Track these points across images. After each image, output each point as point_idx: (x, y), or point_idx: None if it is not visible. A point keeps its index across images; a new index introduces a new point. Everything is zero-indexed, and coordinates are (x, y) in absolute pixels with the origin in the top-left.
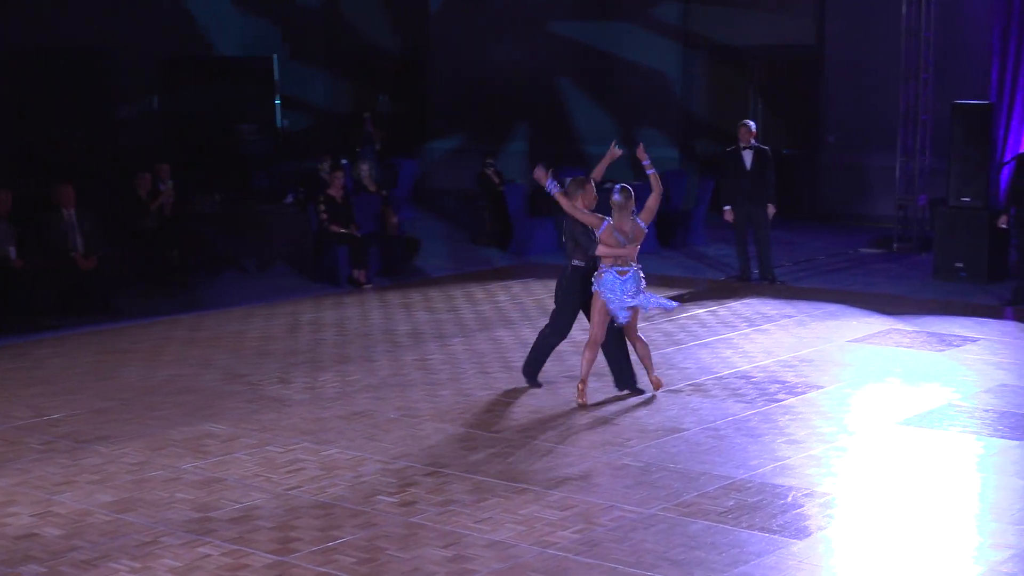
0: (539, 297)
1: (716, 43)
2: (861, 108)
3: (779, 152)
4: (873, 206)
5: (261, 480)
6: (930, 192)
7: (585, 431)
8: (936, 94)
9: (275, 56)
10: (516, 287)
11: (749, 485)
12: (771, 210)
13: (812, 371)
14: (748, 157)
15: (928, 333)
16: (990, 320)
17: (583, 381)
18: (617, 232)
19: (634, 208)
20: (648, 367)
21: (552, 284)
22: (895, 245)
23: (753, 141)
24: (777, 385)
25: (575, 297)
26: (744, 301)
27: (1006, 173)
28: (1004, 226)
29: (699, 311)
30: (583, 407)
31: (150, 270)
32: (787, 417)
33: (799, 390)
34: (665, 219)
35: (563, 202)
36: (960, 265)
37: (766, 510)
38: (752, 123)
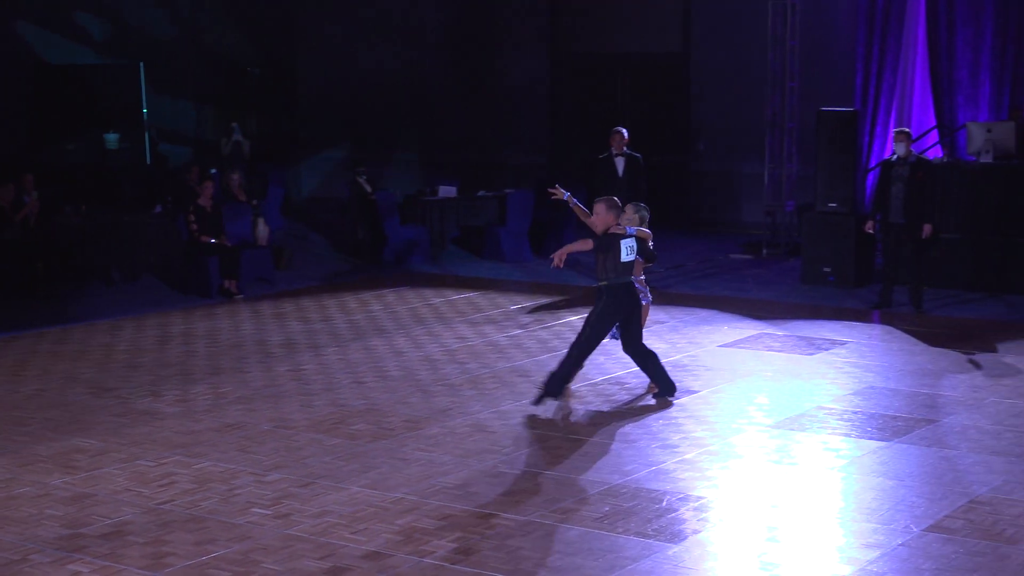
0: (413, 305)
1: (585, 51)
2: (730, 116)
3: (650, 159)
4: (743, 213)
5: (132, 495)
6: (798, 198)
7: (461, 439)
8: (802, 101)
9: (141, 64)
10: (390, 296)
11: (624, 490)
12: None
13: (685, 376)
14: (620, 164)
15: (798, 337)
16: (857, 323)
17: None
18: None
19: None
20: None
21: (427, 292)
22: (764, 251)
23: (625, 148)
24: (644, 390)
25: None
26: None
27: (871, 179)
28: (870, 231)
29: (573, 318)
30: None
31: (14, 282)
32: (661, 422)
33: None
34: (538, 227)
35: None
36: (828, 270)
37: (641, 515)
38: (624, 130)
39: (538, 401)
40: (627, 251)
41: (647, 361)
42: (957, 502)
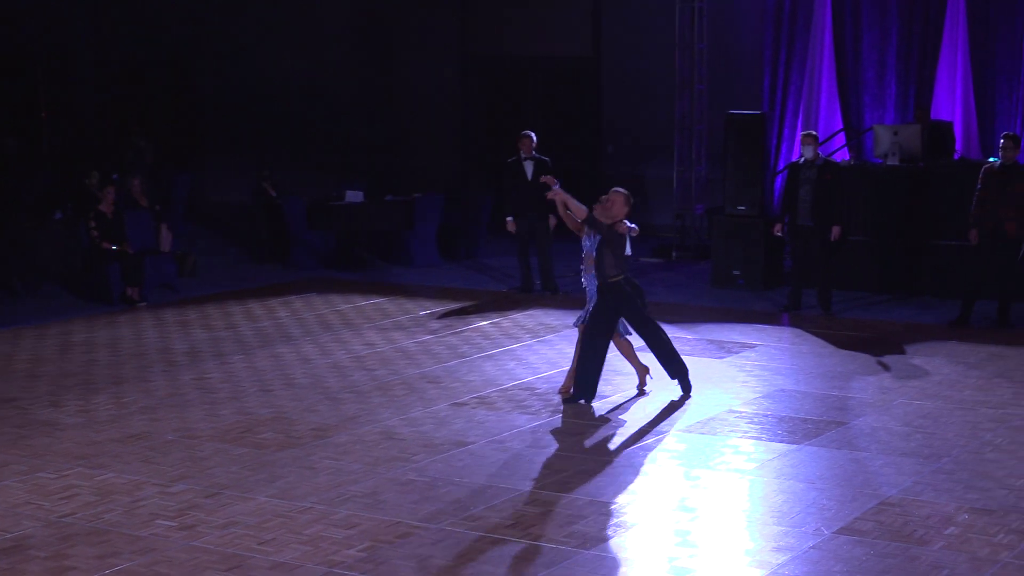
0: (321, 311)
1: (495, 54)
2: (639, 118)
3: (559, 163)
4: (653, 216)
5: (33, 508)
6: (707, 201)
7: (370, 447)
8: (711, 104)
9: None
10: (297, 302)
11: (536, 497)
12: (552, 222)
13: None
14: (529, 168)
15: (707, 341)
16: (767, 326)
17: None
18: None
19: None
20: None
21: (335, 298)
22: (674, 254)
23: (534, 152)
24: (561, 395)
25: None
26: (527, 312)
27: (779, 181)
28: (779, 234)
29: (482, 323)
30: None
31: None
32: (574, 428)
33: (583, 400)
34: (447, 232)
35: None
36: (737, 273)
37: (553, 521)
38: (532, 134)
39: (572, 401)
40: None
41: (659, 342)
42: (867, 504)
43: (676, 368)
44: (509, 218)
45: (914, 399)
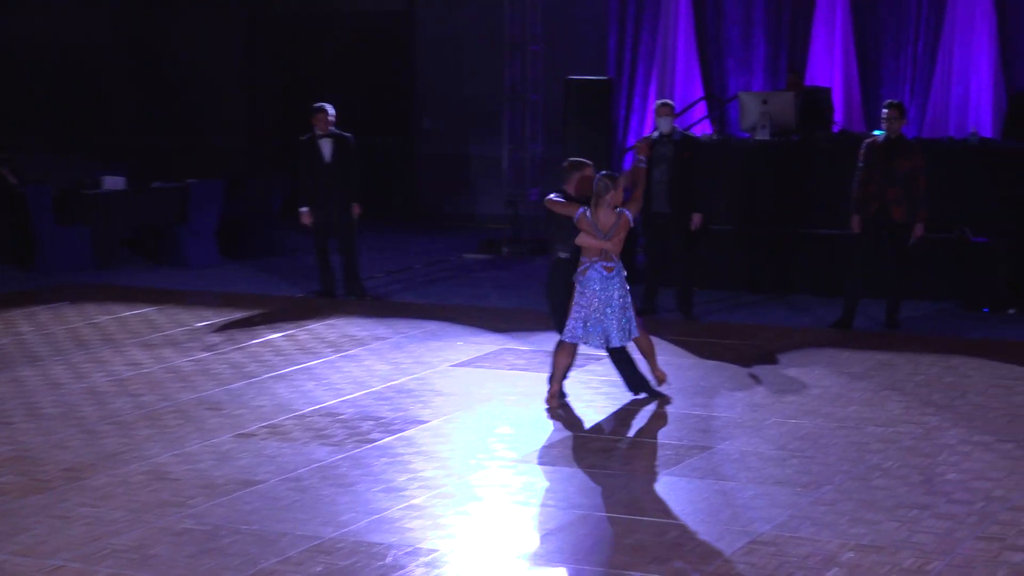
0: (73, 325)
1: (286, 12)
2: (461, 88)
3: (365, 141)
4: (479, 204)
5: None
6: (544, 185)
7: (136, 490)
8: (547, 70)
9: None
10: (43, 314)
11: (340, 545)
12: (357, 211)
13: (411, 403)
14: (327, 147)
15: (546, 352)
16: None
17: (552, 388)
18: (593, 222)
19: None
20: (652, 362)
21: (91, 309)
22: (505, 249)
23: (332, 128)
24: (370, 422)
25: (561, 292)
26: (328, 322)
27: (629, 160)
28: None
29: (274, 336)
30: (556, 413)
31: None
32: (383, 460)
33: (396, 427)
34: (230, 225)
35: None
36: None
37: (360, 574)
38: (330, 107)
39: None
40: None
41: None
42: (736, 543)
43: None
44: (303, 208)
45: (790, 418)
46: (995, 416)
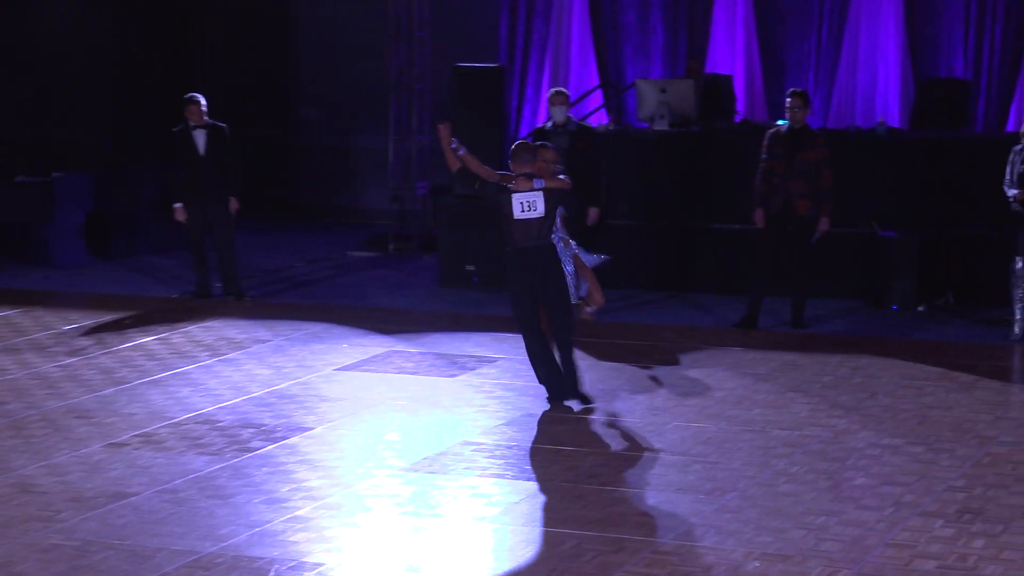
0: None
1: (155, 6)
2: (344, 75)
3: (242, 132)
4: (363, 198)
5: None
6: (432, 179)
7: (0, 503)
8: (435, 57)
9: None
10: None
11: (219, 561)
12: (234, 206)
13: (294, 409)
14: (201, 139)
15: (436, 355)
16: (509, 335)
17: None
18: None
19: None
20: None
21: None
22: (392, 246)
23: (206, 119)
24: (251, 430)
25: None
26: (204, 324)
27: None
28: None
29: (147, 339)
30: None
31: None
32: (265, 470)
33: (279, 435)
34: (99, 222)
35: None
36: (472, 269)
37: None
38: (201, 97)
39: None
40: (522, 207)
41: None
42: (637, 553)
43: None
44: (177, 204)
45: (692, 421)
46: (905, 418)
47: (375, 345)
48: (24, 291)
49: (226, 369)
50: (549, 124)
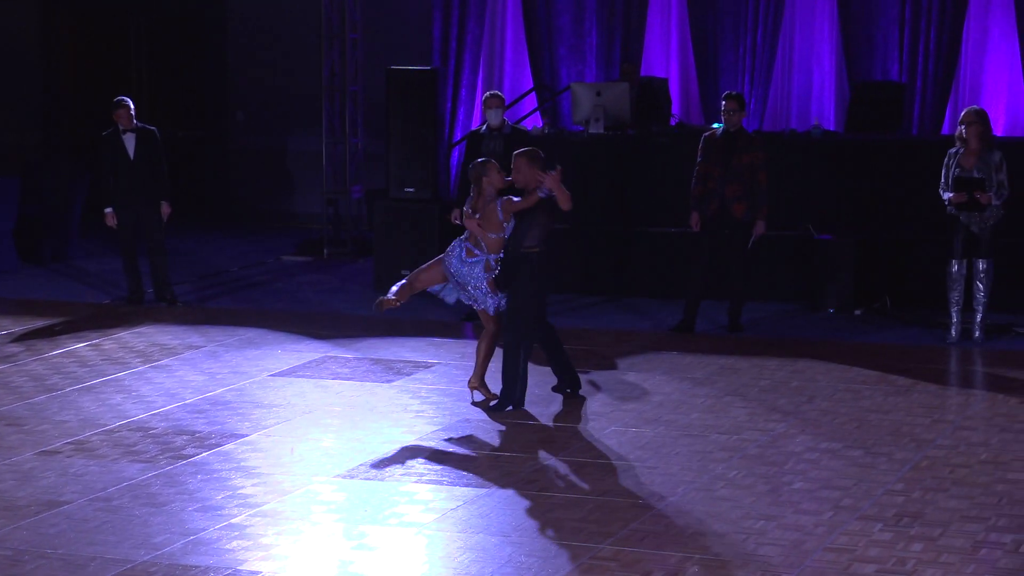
0: None
1: (85, 6)
2: (277, 76)
3: (173, 135)
4: (297, 202)
5: None
6: (366, 182)
7: None
8: (368, 58)
9: None
10: None
11: (154, 569)
12: (166, 210)
13: (228, 416)
14: (131, 142)
15: (372, 360)
16: (447, 340)
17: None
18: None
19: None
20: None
21: None
22: (326, 250)
23: (136, 122)
24: (184, 437)
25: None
26: (136, 330)
27: (457, 156)
28: (457, 221)
29: (78, 345)
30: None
31: None
32: (199, 477)
33: (212, 441)
34: (27, 226)
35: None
36: (407, 273)
37: None
38: (129, 100)
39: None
40: None
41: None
42: (575, 559)
43: (572, 379)
44: (108, 209)
45: (630, 426)
46: (843, 422)
47: (309, 351)
48: None
49: (159, 375)
50: (484, 127)
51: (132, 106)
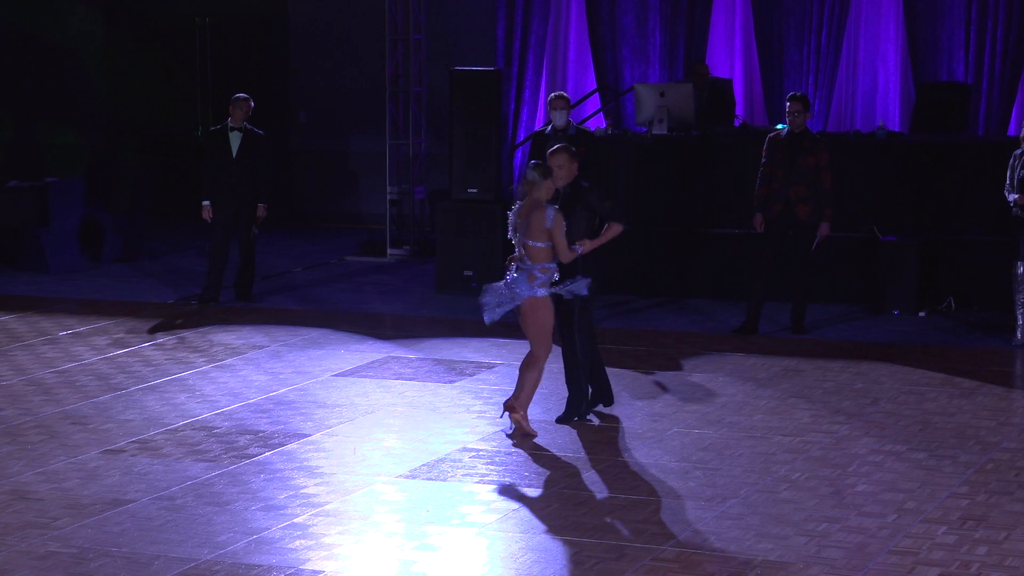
0: None
1: (148, 8)
2: (340, 77)
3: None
4: (361, 203)
5: None
6: (430, 183)
7: None
8: (431, 60)
9: None
10: None
11: (217, 568)
12: (261, 212)
13: (291, 416)
14: (236, 142)
15: (434, 361)
16: (509, 341)
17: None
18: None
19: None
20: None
21: None
22: (390, 251)
23: (246, 124)
24: (248, 436)
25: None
26: (200, 330)
27: (520, 156)
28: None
29: (143, 345)
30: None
31: None
32: (262, 477)
33: (276, 441)
34: (91, 226)
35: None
36: (471, 274)
37: None
38: (250, 99)
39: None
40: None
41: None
42: (638, 560)
43: (607, 394)
44: (205, 202)
45: (693, 427)
46: (907, 424)
47: (373, 351)
48: (19, 296)
49: (223, 375)
50: (548, 128)
51: (251, 105)
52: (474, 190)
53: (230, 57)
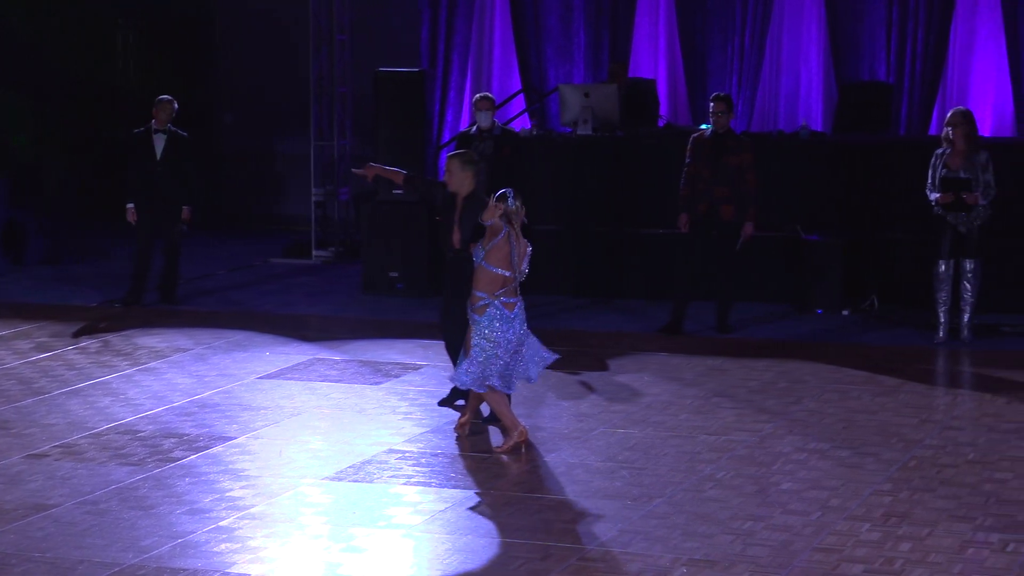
0: None
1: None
2: (265, 78)
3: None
4: (285, 204)
5: None
6: (355, 185)
7: None
8: (356, 60)
9: None
10: None
11: (142, 572)
12: (185, 214)
13: (216, 419)
14: (160, 143)
15: (360, 363)
16: (434, 342)
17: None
18: (513, 247)
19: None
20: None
21: None
22: (315, 253)
23: (170, 126)
24: (172, 440)
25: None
26: (124, 333)
27: (445, 158)
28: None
29: (66, 348)
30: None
31: None
32: (187, 480)
33: (200, 444)
34: (17, 228)
35: None
36: (396, 275)
37: None
38: (174, 101)
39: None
40: None
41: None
42: (565, 560)
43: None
44: (130, 205)
45: (618, 427)
46: (831, 422)
47: (298, 353)
48: None
49: (147, 378)
50: (474, 129)
51: (175, 106)
52: (399, 191)
53: (155, 58)
